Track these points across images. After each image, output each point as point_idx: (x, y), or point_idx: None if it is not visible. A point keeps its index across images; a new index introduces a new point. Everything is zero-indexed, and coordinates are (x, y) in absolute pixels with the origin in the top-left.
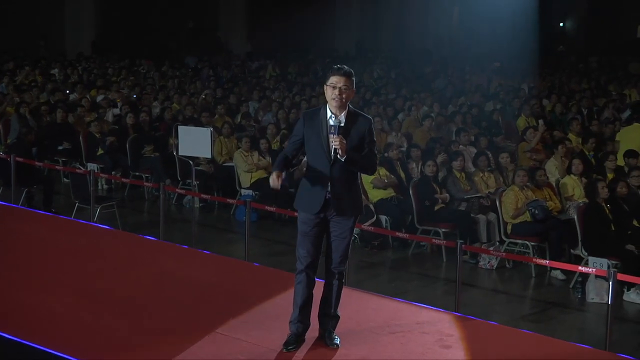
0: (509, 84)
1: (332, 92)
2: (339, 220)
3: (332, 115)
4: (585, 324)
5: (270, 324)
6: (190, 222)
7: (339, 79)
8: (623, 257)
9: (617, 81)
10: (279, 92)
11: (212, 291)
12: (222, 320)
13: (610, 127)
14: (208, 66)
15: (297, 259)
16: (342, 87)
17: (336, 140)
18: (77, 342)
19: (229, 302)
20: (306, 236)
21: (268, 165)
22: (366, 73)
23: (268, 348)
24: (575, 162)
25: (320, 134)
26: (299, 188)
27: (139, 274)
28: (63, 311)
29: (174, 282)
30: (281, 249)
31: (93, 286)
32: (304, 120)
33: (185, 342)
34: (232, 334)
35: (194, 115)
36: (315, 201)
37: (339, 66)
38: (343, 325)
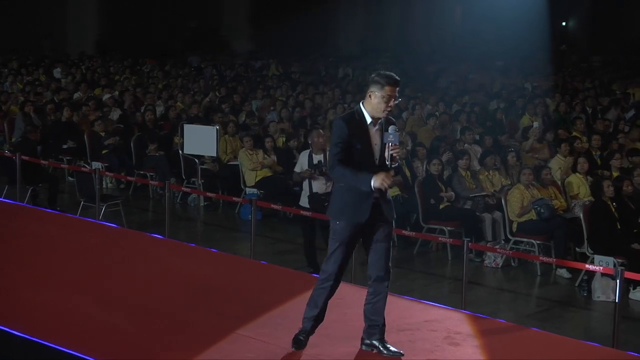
0: (512, 83)
1: (386, 105)
2: (381, 225)
3: (372, 121)
4: (591, 322)
5: (280, 322)
6: (196, 221)
7: (394, 90)
8: (629, 256)
9: (621, 80)
10: (282, 90)
11: (219, 289)
12: (232, 319)
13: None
14: (211, 65)
15: (328, 264)
16: (396, 97)
17: (397, 149)
18: (86, 339)
19: (237, 300)
20: (344, 245)
21: (273, 163)
22: (369, 72)
23: (278, 346)
24: (580, 161)
25: (365, 139)
26: (337, 198)
27: (146, 271)
28: (70, 309)
29: (181, 280)
30: (287, 247)
31: (101, 284)
32: (346, 127)
33: (195, 340)
34: (243, 332)
35: (199, 114)
36: (363, 209)
37: (392, 75)
38: (350, 324)
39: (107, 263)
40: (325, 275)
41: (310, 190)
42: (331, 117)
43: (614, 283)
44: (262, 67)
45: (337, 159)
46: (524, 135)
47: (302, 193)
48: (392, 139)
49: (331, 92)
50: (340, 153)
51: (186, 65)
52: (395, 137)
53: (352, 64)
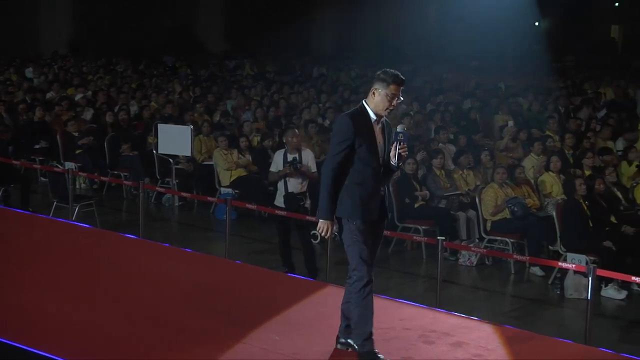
0: (486, 83)
1: (390, 103)
2: (381, 223)
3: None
4: (564, 319)
5: (251, 320)
6: (170, 221)
7: (398, 89)
8: (601, 253)
9: (592, 80)
10: (257, 90)
11: (194, 289)
12: (207, 318)
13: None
14: (186, 65)
15: (360, 270)
16: (399, 96)
17: (405, 148)
18: (58, 340)
19: (211, 300)
20: (365, 243)
21: (248, 163)
22: (344, 72)
23: (252, 345)
24: (553, 160)
25: (371, 138)
26: (345, 197)
27: (120, 272)
28: (42, 309)
29: (156, 280)
30: (262, 247)
31: (74, 285)
32: (352, 124)
33: (173, 340)
34: (218, 331)
35: (174, 114)
36: (373, 207)
37: (396, 72)
38: (326, 322)
39: (81, 264)
40: (364, 282)
41: (286, 190)
42: (306, 117)
43: (586, 281)
44: (236, 66)
45: (337, 160)
46: (500, 135)
47: (277, 193)
48: (401, 137)
49: (306, 91)
50: (339, 154)
51: (160, 65)
52: (405, 135)
53: (326, 64)
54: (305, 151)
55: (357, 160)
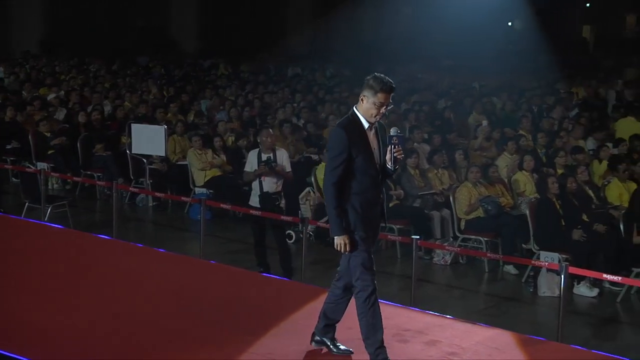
0: (460, 82)
1: (378, 111)
2: (379, 228)
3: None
4: (537, 317)
5: (223, 319)
6: (144, 221)
7: (387, 97)
8: (573, 251)
9: (565, 79)
10: (232, 90)
11: (170, 289)
12: (182, 318)
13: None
14: (160, 65)
15: (365, 282)
16: (388, 104)
17: (400, 151)
18: (33, 343)
19: (186, 299)
20: (367, 253)
21: (222, 163)
22: (319, 72)
23: (235, 348)
24: (526, 159)
25: (366, 146)
26: (347, 208)
27: (94, 272)
28: (14, 311)
29: (129, 280)
30: (237, 247)
31: (47, 286)
32: (346, 135)
33: (149, 341)
34: (192, 332)
35: (148, 114)
36: (376, 215)
37: (383, 79)
38: (301, 322)
39: (53, 265)
40: (369, 291)
41: (261, 189)
42: (281, 117)
43: (558, 279)
44: (211, 66)
45: (337, 174)
46: (474, 134)
47: (252, 193)
48: (396, 140)
49: (281, 91)
50: (339, 167)
51: (134, 65)
52: (400, 139)
53: (301, 64)
54: (280, 151)
55: (355, 171)
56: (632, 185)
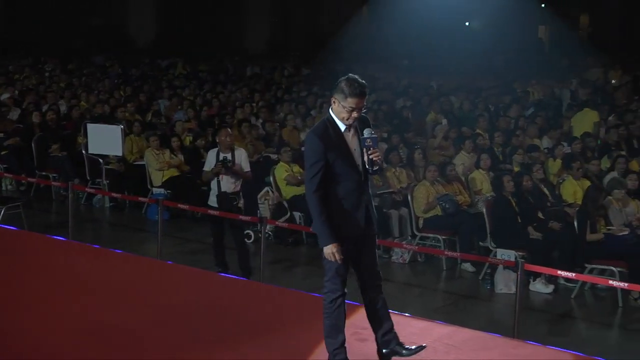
0: (418, 82)
1: (349, 115)
2: (370, 232)
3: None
4: (494, 314)
5: (187, 322)
6: (101, 222)
7: (358, 101)
8: (529, 249)
9: (521, 79)
10: (190, 89)
11: (126, 290)
12: (137, 319)
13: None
14: (116, 64)
15: (334, 283)
16: (360, 107)
17: (376, 153)
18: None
19: (145, 302)
20: (344, 260)
21: (180, 163)
22: (277, 71)
23: (192, 348)
24: (483, 157)
25: (345, 150)
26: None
27: (49, 274)
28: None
29: (86, 282)
30: (195, 247)
31: (1, 289)
32: (321, 142)
33: (105, 341)
34: (147, 333)
35: (104, 113)
36: (359, 220)
37: (354, 82)
38: (260, 322)
39: (7, 267)
40: (336, 294)
41: (219, 189)
42: (239, 116)
43: (515, 275)
44: (169, 66)
45: (315, 182)
46: (432, 133)
47: (210, 192)
48: (369, 143)
49: (239, 91)
50: (318, 174)
51: (90, 64)
52: (373, 140)
53: (260, 63)
54: (239, 150)
55: (335, 175)
56: (585, 183)
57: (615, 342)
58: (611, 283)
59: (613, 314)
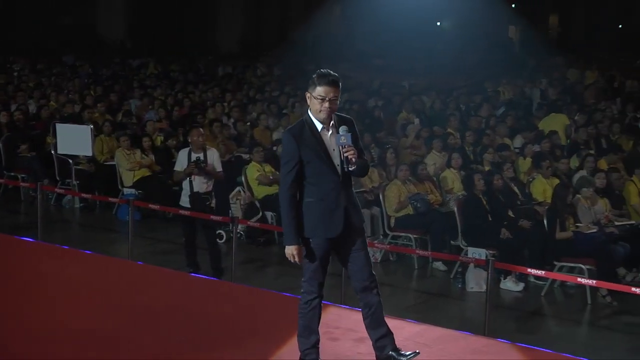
0: (390, 81)
1: (321, 105)
2: (354, 233)
3: (323, 127)
4: (465, 312)
5: (157, 323)
6: (71, 223)
7: (327, 90)
8: (500, 247)
9: (492, 79)
10: (161, 89)
11: (96, 291)
12: (109, 321)
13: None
14: (87, 64)
15: (311, 285)
16: (332, 98)
17: (351, 151)
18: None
19: (115, 302)
20: (320, 261)
21: (151, 163)
22: (249, 71)
23: (163, 349)
24: (454, 156)
25: (320, 149)
26: (307, 213)
27: (17, 275)
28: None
29: (56, 283)
30: (166, 247)
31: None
32: (295, 141)
33: (74, 343)
34: (122, 335)
35: (73, 113)
36: (336, 222)
37: (324, 73)
38: (231, 322)
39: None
40: (311, 296)
41: (191, 189)
42: (211, 116)
43: (485, 274)
44: (140, 65)
45: (288, 181)
46: (404, 132)
47: (182, 192)
48: (343, 140)
49: (211, 90)
50: (290, 172)
51: (60, 64)
52: (347, 137)
53: (232, 62)
54: (211, 150)
55: (311, 175)
56: (555, 181)
57: (584, 339)
58: (580, 281)
59: (582, 311)
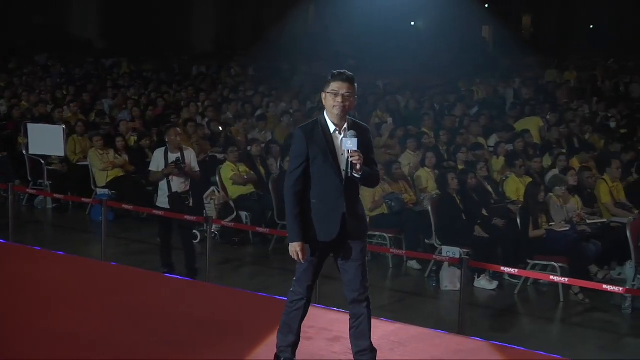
0: (364, 81)
1: (334, 100)
2: (353, 242)
3: (336, 128)
4: (440, 310)
5: (131, 323)
6: (43, 224)
7: (341, 85)
8: (474, 246)
9: (466, 78)
10: (135, 89)
11: (68, 292)
12: (82, 322)
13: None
14: (59, 64)
15: (300, 286)
16: (345, 94)
17: (356, 156)
18: None
19: (87, 303)
20: (313, 264)
21: (125, 163)
22: (224, 70)
23: (136, 349)
24: (428, 156)
25: (327, 150)
26: (305, 213)
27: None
28: None
29: (27, 284)
30: (140, 247)
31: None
32: (305, 138)
33: (43, 345)
34: (94, 336)
35: (45, 113)
36: (332, 226)
37: (339, 71)
38: (206, 322)
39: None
40: (297, 297)
41: (170, 189)
42: (185, 116)
43: (460, 272)
44: (113, 65)
45: (294, 177)
46: (378, 132)
47: (159, 193)
48: (350, 145)
49: (185, 90)
50: (297, 169)
51: (32, 63)
52: (354, 142)
53: (206, 62)
54: (188, 150)
55: (315, 175)
56: (528, 180)
57: (557, 336)
58: (552, 279)
59: (554, 309)
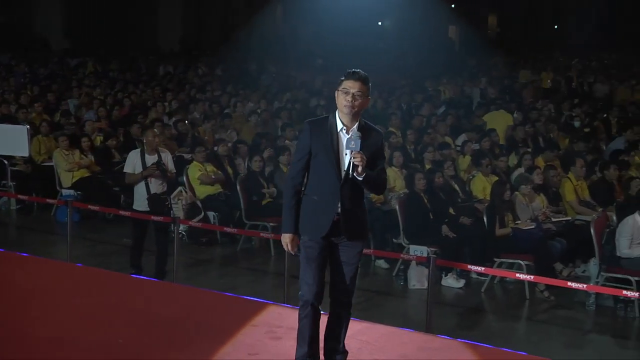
0: (332, 81)
1: (345, 98)
2: (348, 244)
3: (344, 127)
4: (407, 309)
5: (98, 324)
6: (7, 225)
7: (353, 83)
8: (441, 244)
9: (433, 78)
10: (101, 89)
11: (33, 294)
12: (46, 324)
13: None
14: (23, 63)
15: (302, 288)
16: (356, 93)
17: (357, 157)
18: None
19: (52, 305)
20: (312, 262)
21: (90, 163)
22: (191, 70)
23: (105, 350)
24: (395, 155)
25: (330, 147)
26: (302, 210)
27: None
28: None
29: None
30: (107, 248)
31: None
32: (310, 131)
33: (9, 349)
34: (60, 338)
35: (10, 113)
36: (322, 224)
37: (353, 70)
38: (176, 323)
39: None
40: (302, 301)
41: (149, 191)
42: (153, 116)
43: (427, 271)
44: (78, 65)
45: (295, 169)
46: None
47: (135, 197)
48: (352, 145)
49: (151, 90)
50: (299, 162)
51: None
52: (357, 143)
53: (173, 62)
54: (164, 152)
55: (314, 171)
56: (494, 179)
57: (523, 334)
58: (518, 276)
59: (521, 306)
